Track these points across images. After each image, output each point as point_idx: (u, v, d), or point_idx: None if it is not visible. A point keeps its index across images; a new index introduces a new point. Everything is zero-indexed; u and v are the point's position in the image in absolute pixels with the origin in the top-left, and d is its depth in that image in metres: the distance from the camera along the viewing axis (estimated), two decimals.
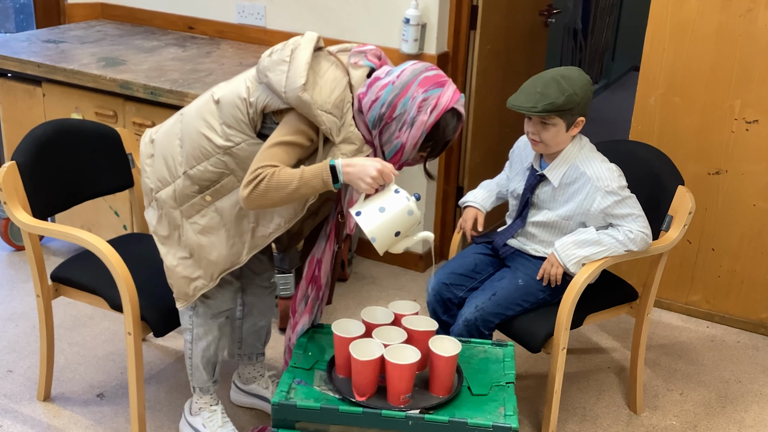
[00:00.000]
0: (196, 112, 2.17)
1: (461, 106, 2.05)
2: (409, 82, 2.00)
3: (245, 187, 2.00)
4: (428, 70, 2.04)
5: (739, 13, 2.95)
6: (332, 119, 2.00)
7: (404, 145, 2.01)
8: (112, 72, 3.10)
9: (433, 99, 1.99)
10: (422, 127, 1.99)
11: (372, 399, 2.03)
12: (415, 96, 1.98)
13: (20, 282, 3.35)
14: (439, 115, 1.99)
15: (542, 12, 3.96)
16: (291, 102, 1.99)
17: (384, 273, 3.61)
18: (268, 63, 2.04)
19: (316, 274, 2.23)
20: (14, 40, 3.50)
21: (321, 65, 2.05)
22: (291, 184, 1.97)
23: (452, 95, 2.02)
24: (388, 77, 2.03)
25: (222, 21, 3.70)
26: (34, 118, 3.27)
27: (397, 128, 2.00)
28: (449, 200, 3.66)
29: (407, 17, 3.24)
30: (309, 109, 1.97)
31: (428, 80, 2.01)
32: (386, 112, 1.99)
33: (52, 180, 2.51)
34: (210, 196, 2.15)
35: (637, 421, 2.73)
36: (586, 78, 2.36)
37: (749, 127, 3.06)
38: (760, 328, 3.28)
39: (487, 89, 3.58)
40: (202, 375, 2.37)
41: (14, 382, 2.76)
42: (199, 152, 2.13)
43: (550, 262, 2.41)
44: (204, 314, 2.30)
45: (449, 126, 2.04)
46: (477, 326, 2.42)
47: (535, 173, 2.47)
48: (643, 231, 2.39)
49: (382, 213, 1.96)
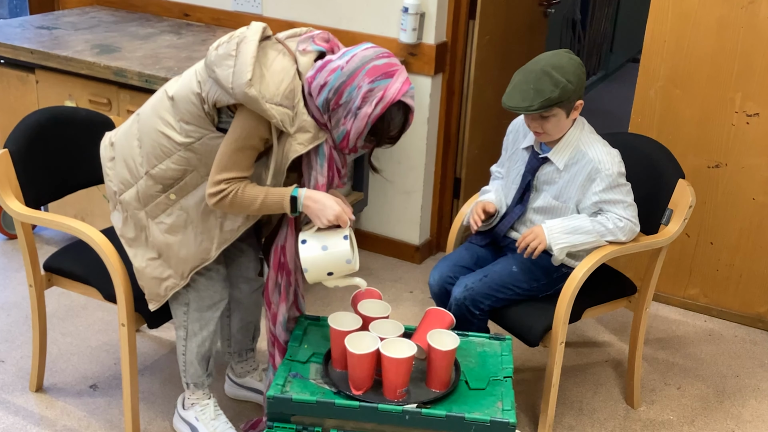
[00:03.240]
0: (152, 110, 2.15)
1: (410, 99, 2.00)
2: (356, 70, 1.96)
3: (211, 196, 2.03)
4: (379, 57, 1.99)
5: (741, 5, 2.93)
6: (283, 111, 1.98)
7: (348, 133, 1.99)
8: (107, 59, 3.07)
9: (380, 91, 1.94)
10: (366, 119, 1.96)
11: (368, 393, 2.01)
12: (361, 85, 1.94)
13: (13, 271, 3.32)
14: (384, 108, 1.95)
15: (541, 2, 3.93)
16: (239, 98, 1.96)
17: (380, 264, 3.59)
18: (214, 57, 2.00)
19: (282, 260, 2.19)
20: (7, 26, 3.46)
21: (268, 56, 2.01)
22: (253, 204, 2.03)
23: (400, 87, 1.97)
24: (338, 60, 2.00)
25: (218, 8, 3.66)
26: (27, 106, 3.24)
27: (343, 115, 1.98)
28: (446, 191, 3.64)
29: (406, 6, 3.21)
30: (257, 105, 1.95)
31: (377, 69, 1.96)
32: (333, 98, 1.97)
33: (45, 168, 2.47)
34: (174, 195, 2.14)
35: (634, 415, 2.71)
36: (576, 61, 2.32)
37: (750, 120, 3.04)
38: (758, 323, 3.27)
39: (485, 80, 3.55)
40: (197, 370, 2.35)
41: (6, 373, 2.73)
42: (159, 151, 2.11)
43: (534, 233, 2.35)
44: (198, 308, 2.27)
45: (394, 120, 2.00)
46: (467, 306, 2.39)
47: (537, 155, 2.44)
48: (631, 220, 2.37)
49: (323, 251, 2.02)
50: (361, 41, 3.35)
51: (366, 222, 3.69)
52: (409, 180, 3.52)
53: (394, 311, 3.14)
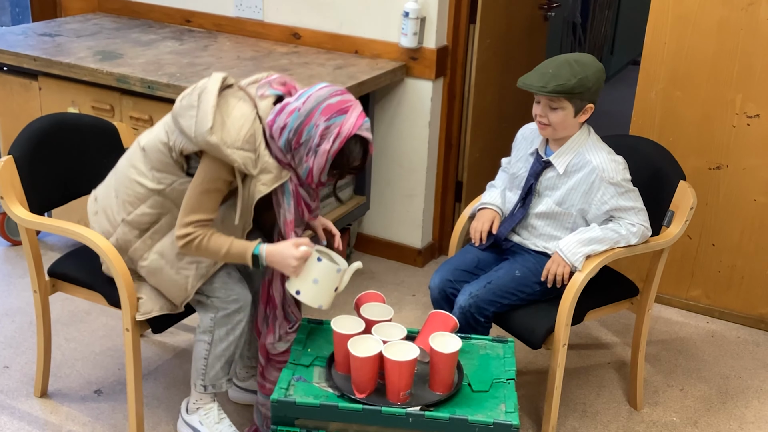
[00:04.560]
0: (126, 161, 2.27)
1: (366, 131, 2.08)
2: (312, 110, 2.05)
3: (179, 238, 2.12)
4: (332, 96, 2.07)
5: (740, 7, 2.94)
6: (245, 154, 2.07)
7: (311, 169, 2.08)
8: (109, 66, 3.08)
9: (336, 127, 2.03)
10: (326, 155, 2.05)
11: (372, 396, 2.01)
12: (318, 124, 2.04)
13: (17, 277, 3.33)
14: (341, 143, 2.04)
15: (542, 6, 3.94)
16: (201, 146, 2.07)
17: (383, 268, 3.60)
18: (179, 109, 2.12)
19: (271, 294, 2.30)
20: (10, 34, 3.48)
21: (229, 103, 2.11)
22: (218, 253, 2.13)
23: (354, 122, 2.05)
24: (295, 102, 2.10)
25: (219, 14, 3.68)
26: (30, 112, 3.25)
27: (305, 153, 2.08)
28: (448, 195, 3.64)
29: (406, 11, 3.22)
30: (219, 151, 2.04)
31: (331, 108, 2.05)
32: (293, 138, 2.07)
33: (48, 174, 2.49)
34: (150, 239, 2.24)
35: (637, 417, 2.72)
36: (599, 65, 2.36)
37: (750, 121, 3.05)
38: (760, 324, 3.27)
39: (486, 83, 3.56)
40: (218, 373, 2.35)
41: (11, 378, 2.74)
42: (134, 198, 2.23)
43: (555, 261, 2.39)
44: (225, 314, 2.29)
45: (353, 153, 2.09)
46: (472, 313, 2.40)
47: (540, 159, 2.45)
48: (644, 224, 2.39)
49: (317, 284, 2.12)
50: (362, 46, 3.40)
51: (368, 225, 3.70)
52: (411, 183, 3.53)
53: (397, 315, 3.15)
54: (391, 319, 2.18)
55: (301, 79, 3.06)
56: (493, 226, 2.55)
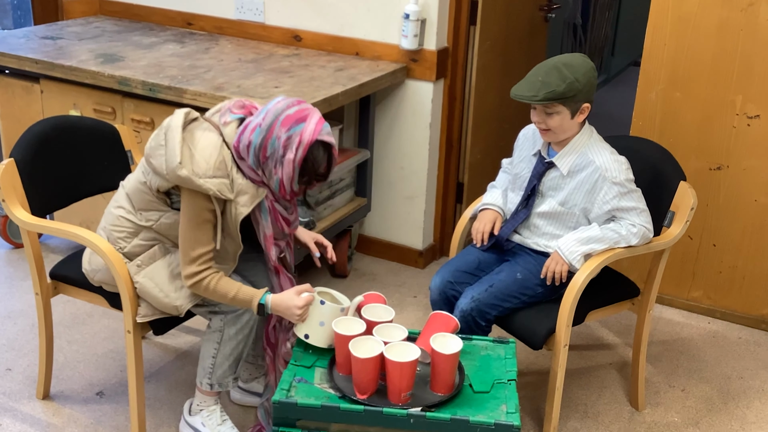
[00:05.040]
0: (114, 203, 2.35)
1: (326, 135, 2.13)
2: (272, 123, 2.11)
3: (188, 278, 2.18)
4: (290, 107, 2.13)
5: (740, 8, 2.94)
6: (219, 181, 2.13)
7: (282, 181, 2.14)
8: (111, 68, 3.09)
9: (297, 136, 2.09)
10: (292, 164, 2.11)
11: (373, 397, 2.02)
12: (280, 135, 2.10)
13: (19, 280, 3.33)
14: (305, 150, 2.10)
15: (542, 7, 3.94)
16: (174, 181, 2.13)
17: (384, 269, 3.61)
18: (149, 149, 2.18)
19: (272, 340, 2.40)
20: (12, 37, 3.49)
21: (195, 136, 2.16)
22: (226, 296, 2.20)
23: (314, 128, 2.11)
24: (256, 119, 2.15)
25: (221, 17, 3.68)
26: (32, 115, 3.26)
27: (273, 166, 2.14)
28: (449, 196, 3.65)
29: (407, 12, 3.22)
30: (192, 183, 2.10)
31: (289, 119, 2.10)
32: (260, 153, 2.13)
33: (50, 177, 2.49)
34: (141, 262, 2.29)
35: (638, 417, 2.72)
36: (589, 64, 2.35)
37: (751, 122, 3.05)
38: (761, 324, 3.27)
39: (487, 85, 3.57)
40: (225, 372, 2.36)
41: (13, 381, 2.75)
42: (126, 234, 2.29)
43: (554, 260, 2.40)
44: (235, 314, 2.30)
45: (318, 158, 2.14)
46: (473, 317, 2.41)
47: (543, 160, 2.46)
48: (645, 225, 2.39)
49: (323, 326, 2.17)
50: (362, 48, 3.41)
51: (369, 227, 3.70)
52: (412, 185, 3.53)
53: (399, 316, 3.15)
54: (392, 321, 2.19)
55: (302, 80, 3.07)
56: (494, 226, 2.56)
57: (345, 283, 3.46)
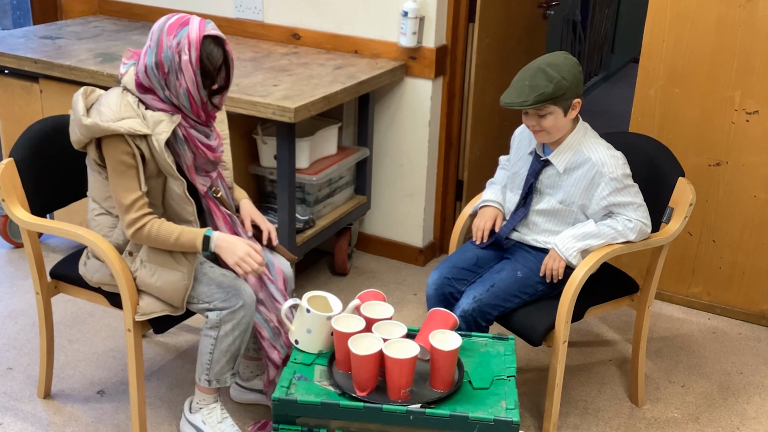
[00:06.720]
0: (88, 213, 2.37)
1: (213, 30, 2.18)
2: (159, 38, 2.16)
3: (129, 226, 2.21)
4: (169, 19, 2.19)
5: (738, 4, 2.94)
6: (129, 121, 2.16)
7: (189, 89, 2.16)
8: (110, 68, 3.09)
9: (185, 39, 2.14)
10: (189, 66, 2.14)
11: (372, 394, 2.02)
12: (170, 45, 2.15)
13: (20, 279, 3.34)
14: (197, 48, 2.14)
15: (541, 4, 3.94)
16: (86, 134, 2.18)
17: (384, 267, 3.61)
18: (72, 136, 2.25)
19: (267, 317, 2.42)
20: (11, 37, 3.49)
21: (99, 100, 2.24)
22: (169, 240, 2.22)
23: (198, 27, 2.16)
24: (145, 46, 2.21)
25: (220, 16, 3.68)
26: (31, 115, 3.26)
27: (175, 78, 2.16)
28: (449, 194, 3.65)
29: (405, 10, 3.23)
30: (99, 127, 2.14)
31: (172, 26, 2.16)
32: (159, 72, 2.17)
33: (50, 177, 2.50)
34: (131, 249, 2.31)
35: (638, 413, 2.72)
36: (572, 60, 2.36)
37: (750, 118, 3.05)
38: (761, 320, 3.28)
39: (486, 82, 3.57)
40: (223, 368, 2.36)
41: (14, 380, 2.75)
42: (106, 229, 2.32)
43: (551, 256, 2.41)
44: (231, 310, 2.30)
45: (213, 54, 2.17)
46: (474, 318, 2.41)
47: (539, 159, 2.46)
48: (642, 221, 2.39)
49: (311, 333, 2.21)
50: (361, 46, 3.41)
51: (369, 225, 3.70)
52: (412, 183, 3.54)
53: (398, 314, 3.16)
54: (392, 318, 2.19)
55: (301, 79, 3.07)
56: (495, 223, 2.56)
57: (345, 280, 3.47)
